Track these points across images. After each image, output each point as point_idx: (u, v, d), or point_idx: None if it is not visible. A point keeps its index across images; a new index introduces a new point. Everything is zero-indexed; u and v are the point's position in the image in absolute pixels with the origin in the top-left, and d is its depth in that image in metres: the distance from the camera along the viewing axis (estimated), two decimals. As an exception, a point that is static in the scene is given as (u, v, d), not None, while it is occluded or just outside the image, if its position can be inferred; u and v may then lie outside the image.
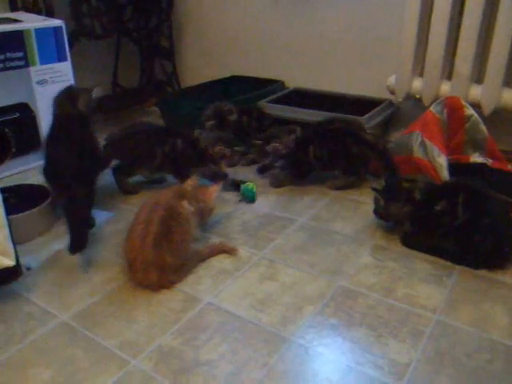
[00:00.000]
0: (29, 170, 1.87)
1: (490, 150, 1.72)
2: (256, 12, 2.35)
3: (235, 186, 1.66)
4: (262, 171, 1.80)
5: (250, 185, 1.63)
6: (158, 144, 1.64)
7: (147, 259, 1.15)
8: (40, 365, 0.97)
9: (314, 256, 1.31)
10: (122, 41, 2.55)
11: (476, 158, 1.74)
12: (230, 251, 1.31)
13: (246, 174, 1.79)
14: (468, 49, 1.75)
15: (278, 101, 2.14)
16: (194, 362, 0.97)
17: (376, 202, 1.41)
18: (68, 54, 1.91)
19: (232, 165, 1.76)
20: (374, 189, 1.40)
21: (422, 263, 1.28)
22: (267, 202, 1.61)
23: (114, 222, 1.49)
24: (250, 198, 1.61)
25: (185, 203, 1.27)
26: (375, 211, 1.41)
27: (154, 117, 2.33)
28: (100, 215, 1.51)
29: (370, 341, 1.02)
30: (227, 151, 1.67)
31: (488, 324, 1.06)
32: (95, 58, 2.51)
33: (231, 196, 1.64)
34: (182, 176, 1.62)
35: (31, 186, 1.56)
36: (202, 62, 2.63)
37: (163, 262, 1.16)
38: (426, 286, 1.19)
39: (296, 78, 2.33)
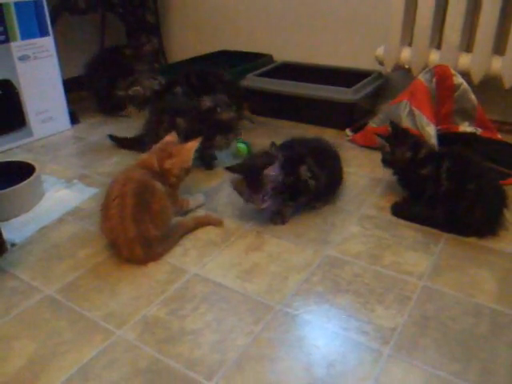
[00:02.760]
0: (14, 149, 1.84)
1: (480, 119, 1.71)
2: (243, -16, 2.30)
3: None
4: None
5: (241, 146, 1.68)
6: (156, 123, 1.58)
7: (129, 235, 1.12)
8: (24, 337, 0.96)
9: (301, 226, 1.30)
10: (107, 16, 2.50)
11: (465, 127, 1.73)
12: (215, 223, 1.29)
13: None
14: (457, 17, 1.72)
15: (266, 74, 2.12)
16: (180, 331, 0.96)
17: (382, 149, 1.38)
18: (50, 28, 1.87)
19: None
20: (380, 135, 1.38)
21: (410, 231, 1.27)
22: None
23: (99, 197, 1.46)
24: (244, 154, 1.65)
25: (157, 184, 1.21)
26: (382, 160, 1.39)
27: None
28: (84, 191, 1.49)
29: (356, 307, 1.01)
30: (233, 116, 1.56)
31: (474, 289, 1.06)
32: (80, 34, 2.46)
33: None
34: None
35: (11, 162, 1.53)
36: (189, 37, 2.59)
37: (147, 235, 1.14)
38: (413, 253, 1.18)
39: (285, 52, 2.30)
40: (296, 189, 1.29)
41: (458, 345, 0.92)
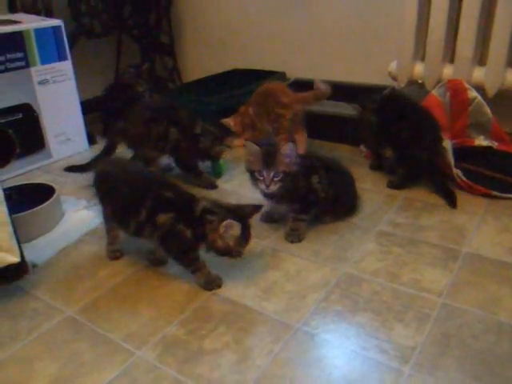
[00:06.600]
0: (33, 170, 1.88)
1: (495, 132, 1.70)
2: (255, 4, 2.34)
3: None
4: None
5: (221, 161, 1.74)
6: (153, 121, 1.62)
7: None
8: (46, 359, 0.97)
9: (318, 244, 1.30)
10: (122, 38, 2.56)
11: (481, 141, 1.72)
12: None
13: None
14: (470, 30, 1.72)
15: (279, 92, 2.13)
16: (199, 351, 0.97)
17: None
18: (68, 53, 1.92)
19: None
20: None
21: (428, 248, 1.26)
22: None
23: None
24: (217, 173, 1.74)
25: None
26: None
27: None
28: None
29: (375, 326, 1.01)
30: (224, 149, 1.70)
31: (495, 306, 1.05)
32: (97, 57, 2.51)
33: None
34: (184, 168, 1.66)
35: (32, 184, 1.56)
36: (203, 57, 2.63)
37: None
38: (432, 269, 1.18)
39: (297, 69, 2.32)
40: (307, 199, 1.32)
41: (480, 363, 0.90)
